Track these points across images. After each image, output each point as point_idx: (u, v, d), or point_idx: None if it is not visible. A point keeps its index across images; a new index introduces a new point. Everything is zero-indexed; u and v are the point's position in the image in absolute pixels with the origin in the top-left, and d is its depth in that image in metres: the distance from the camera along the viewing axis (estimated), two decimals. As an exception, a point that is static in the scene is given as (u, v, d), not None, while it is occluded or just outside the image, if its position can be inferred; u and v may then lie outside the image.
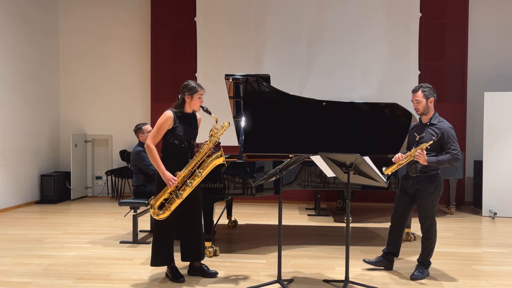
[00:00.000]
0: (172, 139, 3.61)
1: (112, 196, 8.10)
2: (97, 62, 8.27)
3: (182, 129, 3.62)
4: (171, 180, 3.47)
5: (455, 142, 3.68)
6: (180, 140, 3.62)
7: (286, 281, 3.63)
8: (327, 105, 5.22)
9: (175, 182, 3.48)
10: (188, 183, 3.53)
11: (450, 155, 3.63)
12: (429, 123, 3.79)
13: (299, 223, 6.13)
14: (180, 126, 3.61)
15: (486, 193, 6.60)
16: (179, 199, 3.51)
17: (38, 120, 7.73)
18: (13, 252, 4.56)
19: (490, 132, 6.60)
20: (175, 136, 3.60)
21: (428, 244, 3.79)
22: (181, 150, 3.64)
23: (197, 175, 3.54)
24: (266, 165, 4.54)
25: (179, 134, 3.60)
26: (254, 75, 5.03)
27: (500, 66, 7.53)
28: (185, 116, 3.68)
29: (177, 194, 3.51)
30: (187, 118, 3.69)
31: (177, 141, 3.62)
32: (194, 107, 3.69)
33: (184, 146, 3.64)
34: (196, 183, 3.56)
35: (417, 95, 3.78)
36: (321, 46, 7.59)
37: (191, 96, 3.65)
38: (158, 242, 3.66)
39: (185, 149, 3.66)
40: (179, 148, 3.64)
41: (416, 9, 7.46)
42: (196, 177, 3.54)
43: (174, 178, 3.49)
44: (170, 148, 3.63)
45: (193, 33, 7.77)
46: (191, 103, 3.66)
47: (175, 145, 3.62)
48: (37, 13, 7.70)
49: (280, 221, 3.61)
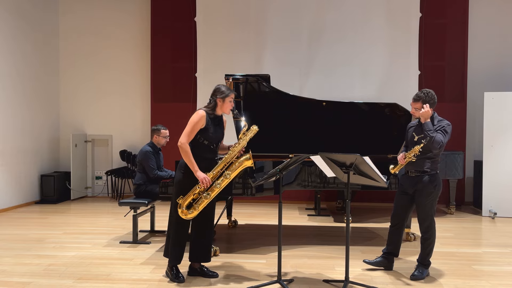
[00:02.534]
0: (202, 139, 3.66)
1: (112, 196, 8.10)
2: (97, 62, 8.27)
3: (212, 130, 3.68)
4: (204, 178, 3.54)
5: (445, 135, 3.65)
6: (210, 141, 3.68)
7: (286, 281, 3.63)
8: (327, 105, 5.22)
9: (208, 181, 3.54)
10: (216, 184, 3.60)
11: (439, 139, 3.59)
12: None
13: (299, 223, 6.13)
14: (211, 127, 3.68)
15: (486, 193, 6.60)
16: (207, 199, 3.58)
17: (38, 120, 7.73)
18: (13, 252, 4.56)
19: (490, 132, 6.60)
20: (205, 136, 3.66)
21: (428, 244, 3.79)
22: (210, 151, 3.72)
23: (225, 177, 3.61)
24: (266, 165, 4.55)
25: (209, 135, 3.67)
26: (254, 75, 5.03)
27: (500, 66, 7.53)
28: (215, 118, 3.74)
29: (205, 195, 3.58)
30: (217, 120, 3.77)
31: (207, 142, 3.67)
32: (225, 110, 3.76)
33: (213, 147, 3.72)
34: (224, 184, 3.62)
35: (416, 105, 3.74)
36: (321, 46, 7.59)
37: (223, 99, 3.70)
38: (175, 242, 3.69)
39: (213, 150, 3.74)
40: (208, 149, 3.70)
41: (416, 9, 7.45)
42: (224, 179, 3.61)
43: (207, 177, 3.55)
44: (200, 148, 3.68)
45: (193, 33, 7.77)
46: (223, 106, 3.72)
47: (205, 145, 3.68)
48: (37, 13, 7.70)
49: (280, 221, 3.62)
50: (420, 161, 3.71)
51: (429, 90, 3.76)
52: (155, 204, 5.40)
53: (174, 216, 3.66)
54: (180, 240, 3.70)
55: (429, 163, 3.72)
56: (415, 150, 3.64)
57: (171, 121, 6.99)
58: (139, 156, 5.19)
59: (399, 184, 4.00)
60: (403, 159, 3.74)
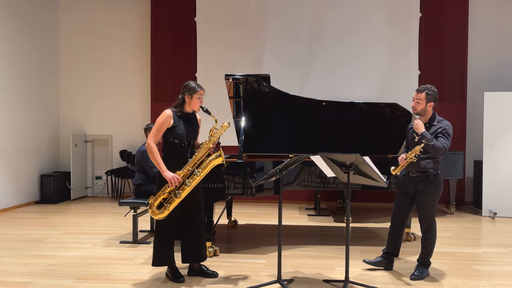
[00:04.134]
0: (172, 138, 3.62)
1: (112, 196, 8.10)
2: (97, 62, 8.27)
3: (182, 128, 3.63)
4: (172, 178, 3.48)
5: (447, 138, 3.67)
6: (180, 139, 3.63)
7: (286, 281, 3.63)
8: (327, 105, 5.22)
9: (176, 180, 3.48)
10: (187, 182, 3.53)
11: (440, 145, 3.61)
12: (428, 124, 3.79)
13: (299, 223, 6.13)
14: (180, 125, 3.63)
15: (486, 193, 6.60)
16: (178, 198, 3.51)
17: (38, 120, 7.73)
18: (13, 252, 4.56)
19: (490, 132, 6.60)
20: (175, 135, 3.61)
21: (428, 244, 3.79)
22: (181, 149, 3.65)
23: (196, 175, 3.55)
24: (266, 165, 4.54)
25: (178, 133, 3.61)
26: (254, 75, 5.03)
27: (500, 66, 7.53)
28: (185, 116, 3.69)
29: (175, 194, 3.51)
30: (187, 118, 3.71)
31: (177, 140, 3.62)
32: (193, 107, 3.71)
33: (184, 145, 3.65)
34: (195, 183, 3.56)
35: (420, 96, 3.78)
36: (321, 46, 7.59)
37: (190, 96, 3.67)
38: (159, 242, 3.65)
39: (185, 149, 3.66)
40: (179, 147, 3.64)
41: (416, 9, 7.45)
42: (195, 177, 3.55)
43: (176, 176, 3.49)
44: (170, 147, 3.64)
45: (193, 33, 7.77)
46: (191, 103, 3.68)
47: (175, 144, 3.63)
48: (37, 13, 7.70)
49: (280, 221, 3.61)
50: (421, 161, 3.72)
51: (432, 86, 3.83)
52: (155, 204, 5.40)
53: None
54: (163, 241, 3.62)
55: (430, 163, 3.72)
56: (415, 150, 3.64)
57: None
58: (137, 156, 5.19)
59: (400, 184, 4.00)
60: (404, 160, 3.73)
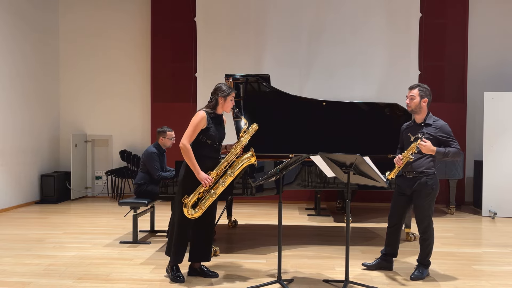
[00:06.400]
0: (205, 139, 3.68)
1: (112, 196, 8.10)
2: (97, 62, 8.27)
3: (214, 129, 3.70)
4: (206, 179, 3.56)
5: (453, 138, 3.73)
6: (213, 140, 3.70)
7: (286, 281, 3.63)
8: (327, 105, 5.22)
9: (210, 181, 3.56)
10: (221, 182, 3.63)
11: (456, 149, 3.68)
12: (424, 123, 3.78)
13: (299, 223, 6.13)
14: (212, 127, 3.69)
15: (486, 193, 6.60)
16: (213, 198, 3.61)
17: (38, 120, 7.73)
18: (13, 252, 4.56)
19: (490, 132, 6.60)
20: (208, 136, 3.67)
21: (427, 245, 3.78)
22: (213, 150, 3.73)
23: (229, 175, 3.64)
24: (266, 165, 4.54)
25: (212, 134, 3.68)
26: (254, 75, 5.03)
27: (500, 66, 7.53)
28: (216, 117, 3.76)
29: (210, 193, 3.60)
30: (218, 119, 3.79)
31: (210, 141, 3.69)
32: (226, 109, 3.78)
33: (215, 146, 3.74)
34: (228, 182, 3.66)
35: (412, 92, 3.82)
36: (321, 46, 7.59)
37: (224, 98, 3.72)
38: (180, 241, 3.68)
39: (217, 149, 3.76)
40: (211, 148, 3.71)
41: (416, 9, 7.46)
42: (228, 177, 3.65)
43: (209, 177, 3.57)
44: (203, 147, 3.69)
45: (193, 33, 7.77)
46: (224, 105, 3.75)
47: (207, 144, 3.69)
48: (37, 14, 7.70)
49: (280, 221, 3.62)
50: (417, 161, 3.71)
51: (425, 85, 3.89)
52: (155, 204, 5.40)
53: (178, 216, 3.65)
54: (183, 240, 3.71)
55: (426, 163, 3.71)
56: (412, 148, 3.63)
57: (171, 121, 6.96)
58: (143, 156, 5.17)
59: (396, 184, 3.98)
60: (400, 160, 3.70)
